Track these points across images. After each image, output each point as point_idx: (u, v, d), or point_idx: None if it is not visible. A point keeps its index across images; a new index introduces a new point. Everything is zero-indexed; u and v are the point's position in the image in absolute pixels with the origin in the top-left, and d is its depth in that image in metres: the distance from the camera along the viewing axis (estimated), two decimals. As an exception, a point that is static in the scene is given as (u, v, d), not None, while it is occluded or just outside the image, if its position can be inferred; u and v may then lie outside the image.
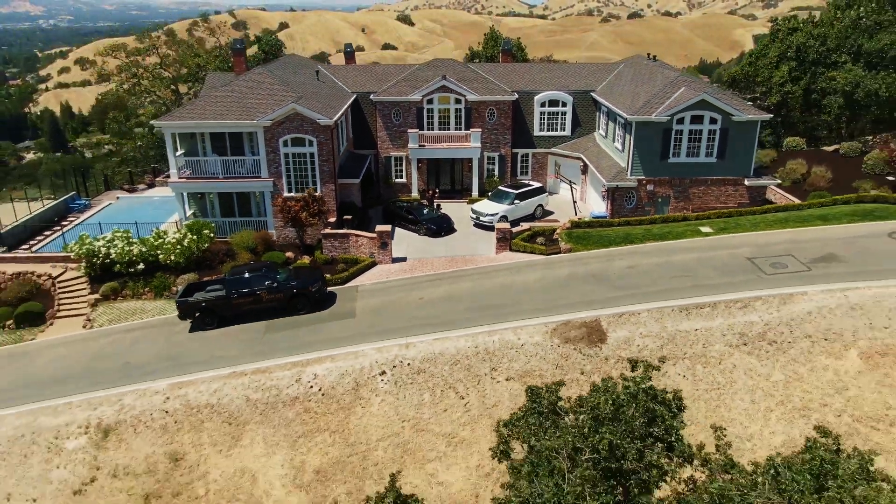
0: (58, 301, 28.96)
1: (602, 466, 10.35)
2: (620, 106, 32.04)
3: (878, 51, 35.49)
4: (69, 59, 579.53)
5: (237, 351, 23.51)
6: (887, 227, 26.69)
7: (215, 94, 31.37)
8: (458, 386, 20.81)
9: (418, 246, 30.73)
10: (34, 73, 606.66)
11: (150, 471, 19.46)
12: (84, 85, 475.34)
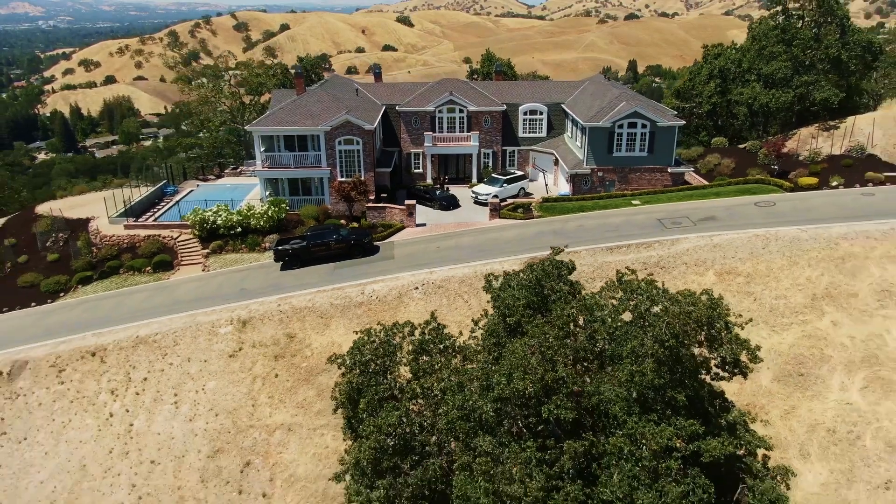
0: (179, 254, 41.44)
1: (533, 299, 22.64)
2: (580, 115, 44.62)
3: (770, 74, 47.96)
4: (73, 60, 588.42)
5: (317, 279, 36.01)
6: (756, 199, 39.30)
7: (287, 108, 43.93)
8: (464, 295, 33.28)
9: (433, 216, 43.25)
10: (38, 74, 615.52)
11: (275, 343, 31.97)
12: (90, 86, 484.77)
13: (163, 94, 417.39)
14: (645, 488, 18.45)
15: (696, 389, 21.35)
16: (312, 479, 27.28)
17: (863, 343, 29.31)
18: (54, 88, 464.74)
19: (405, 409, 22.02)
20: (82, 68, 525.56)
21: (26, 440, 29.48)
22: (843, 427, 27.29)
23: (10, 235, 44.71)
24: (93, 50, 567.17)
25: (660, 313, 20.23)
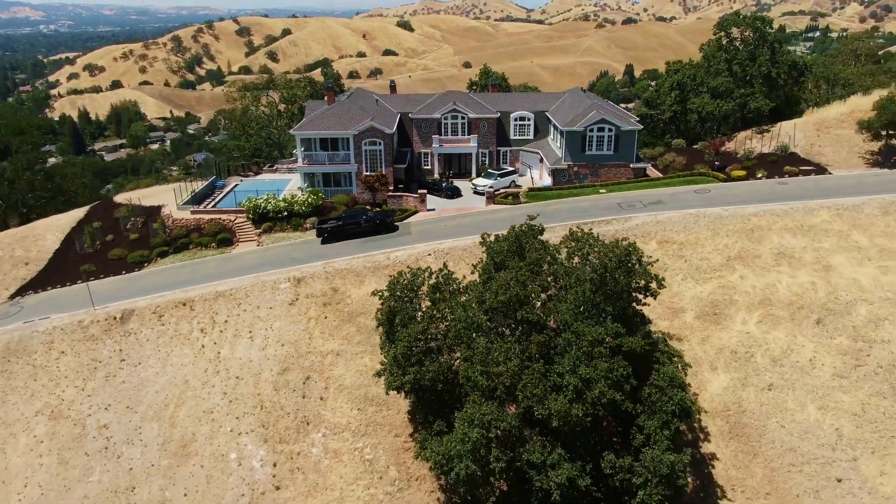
0: (237, 233, 52.13)
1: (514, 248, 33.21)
2: (559, 121, 55.40)
3: (716, 87, 58.68)
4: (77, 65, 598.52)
5: (351, 250, 46.65)
6: (696, 188, 50.09)
7: (321, 115, 54.72)
8: (466, 259, 43.84)
9: (441, 203, 53.94)
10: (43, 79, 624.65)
11: (323, 295, 42.59)
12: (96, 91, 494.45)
13: (168, 98, 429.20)
14: (584, 365, 29.18)
15: (623, 309, 31.93)
16: (356, 387, 37.91)
17: (761, 291, 40.03)
18: (60, 93, 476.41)
19: (426, 325, 32.71)
20: (87, 73, 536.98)
21: (140, 364, 40.11)
22: (742, 349, 38.00)
23: (95, 220, 55.38)
24: (97, 55, 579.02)
25: (595, 254, 30.94)
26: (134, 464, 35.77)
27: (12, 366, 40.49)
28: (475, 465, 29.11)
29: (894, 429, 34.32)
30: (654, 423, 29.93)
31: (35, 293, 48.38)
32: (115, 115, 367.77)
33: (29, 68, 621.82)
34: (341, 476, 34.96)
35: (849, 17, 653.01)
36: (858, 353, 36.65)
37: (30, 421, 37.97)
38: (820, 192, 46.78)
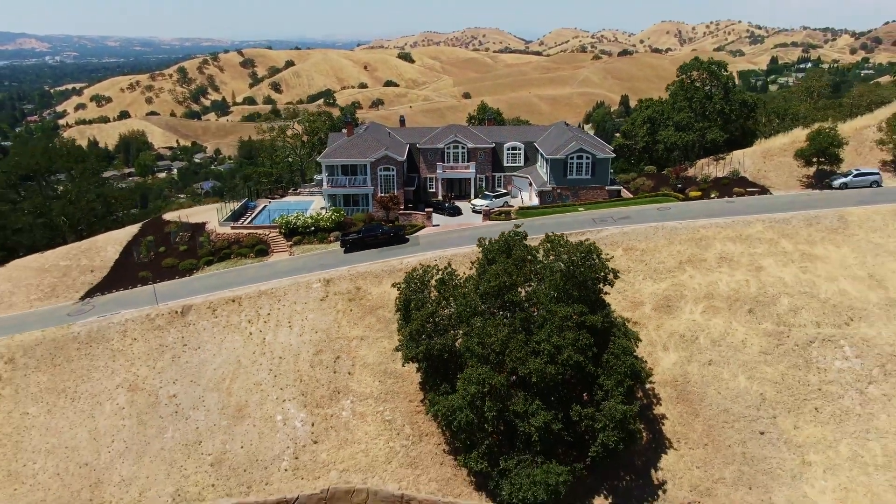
0: (271, 245, 62.04)
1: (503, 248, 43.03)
2: (545, 150, 65.83)
3: (679, 121, 69.32)
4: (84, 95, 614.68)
5: (370, 257, 56.49)
6: (658, 206, 60.21)
7: (342, 145, 65.16)
8: (465, 263, 53.57)
9: (444, 220, 63.96)
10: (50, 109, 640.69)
11: (348, 293, 52.31)
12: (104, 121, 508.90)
13: (174, 128, 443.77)
14: (556, 335, 38.80)
15: (587, 295, 41.59)
16: (377, 364, 47.37)
17: (705, 287, 49.79)
18: (69, 123, 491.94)
19: (434, 308, 42.37)
20: (94, 103, 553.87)
21: (200, 348, 49.62)
22: (689, 333, 47.59)
23: (149, 234, 65.35)
24: (104, 86, 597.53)
25: (564, 252, 40.85)
26: (199, 424, 45.06)
27: (94, 350, 50.03)
28: (473, 414, 38.56)
29: (806, 393, 43.75)
30: (611, 381, 39.43)
31: (102, 295, 58.02)
32: (124, 145, 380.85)
33: (36, 99, 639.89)
34: (366, 433, 44.21)
35: (840, 48, 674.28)
36: (780, 335, 46.26)
37: (112, 392, 47.36)
38: (760, 208, 56.88)
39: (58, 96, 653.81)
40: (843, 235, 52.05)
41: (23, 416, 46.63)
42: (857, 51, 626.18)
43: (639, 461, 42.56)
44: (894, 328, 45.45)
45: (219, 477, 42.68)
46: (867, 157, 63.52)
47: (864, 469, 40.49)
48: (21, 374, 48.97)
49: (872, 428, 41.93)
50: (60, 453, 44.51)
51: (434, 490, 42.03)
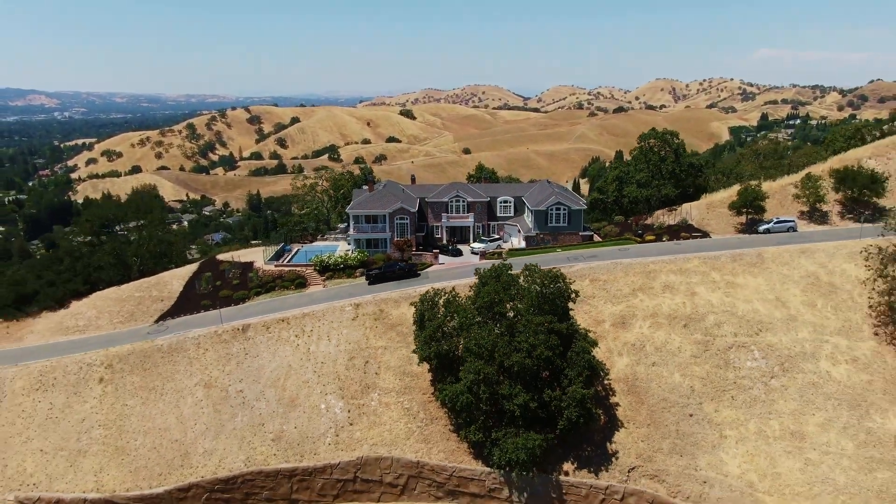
0: (308, 279, 77.78)
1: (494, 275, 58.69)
2: (530, 203, 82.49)
3: (639, 179, 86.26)
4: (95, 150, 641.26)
5: (390, 288, 72.10)
6: (620, 247, 76.24)
7: (365, 199, 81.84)
8: (465, 291, 69.15)
9: (448, 259, 79.96)
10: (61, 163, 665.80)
11: (374, 314, 67.71)
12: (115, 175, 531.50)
13: (184, 182, 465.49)
14: (532, 337, 54.19)
15: (556, 310, 57.09)
16: (398, 367, 62.34)
17: (652, 308, 65.25)
18: (81, 177, 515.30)
19: (442, 321, 57.81)
20: (105, 158, 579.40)
21: (258, 356, 64.69)
22: (638, 342, 62.76)
23: (206, 271, 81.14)
24: (115, 141, 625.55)
25: (538, 277, 56.66)
26: (262, 411, 59.74)
27: (175, 357, 65.12)
28: (471, 396, 53.52)
29: (725, 385, 58.55)
30: (573, 372, 54.49)
31: (172, 318, 73.34)
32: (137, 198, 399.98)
33: (47, 153, 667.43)
34: (390, 417, 58.84)
35: (828, 105, 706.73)
36: (706, 343, 61.44)
37: (191, 389, 62.21)
38: (699, 248, 72.92)
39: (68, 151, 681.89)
40: (759, 268, 67.89)
41: (123, 406, 61.40)
42: (845, 107, 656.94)
43: (597, 437, 57.06)
44: (792, 336, 60.69)
45: (278, 449, 57.16)
46: (789, 208, 79.99)
47: (766, 440, 54.98)
48: (119, 376, 63.95)
49: (773, 410, 56.61)
50: (155, 433, 59.10)
51: (442, 458, 56.43)
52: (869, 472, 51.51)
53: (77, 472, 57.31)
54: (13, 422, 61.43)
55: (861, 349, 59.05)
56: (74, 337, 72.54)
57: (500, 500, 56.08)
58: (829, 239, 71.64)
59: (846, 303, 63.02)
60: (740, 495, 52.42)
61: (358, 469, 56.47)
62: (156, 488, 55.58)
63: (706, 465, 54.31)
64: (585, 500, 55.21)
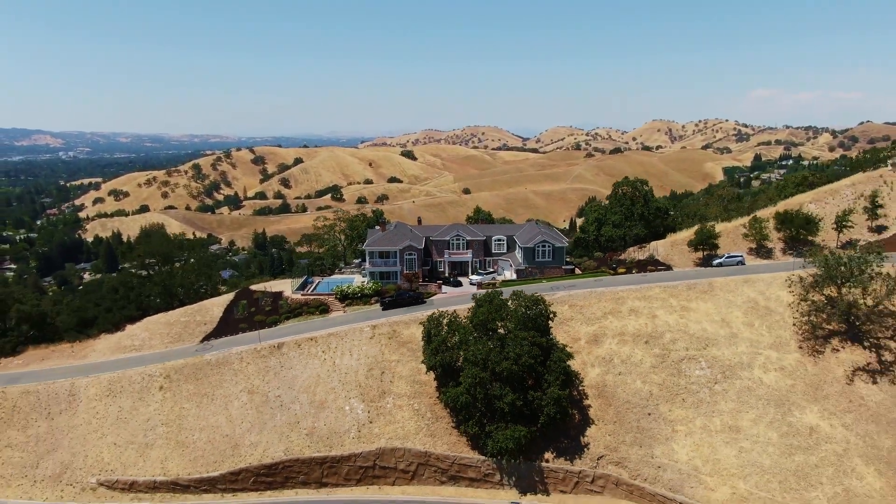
0: (330, 306, 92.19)
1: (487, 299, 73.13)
2: (520, 241, 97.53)
3: (614, 221, 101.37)
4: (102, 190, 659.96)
5: (401, 312, 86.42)
6: (595, 279, 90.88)
7: (378, 237, 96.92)
8: (465, 313, 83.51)
9: (450, 289, 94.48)
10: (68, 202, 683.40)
11: (388, 333, 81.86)
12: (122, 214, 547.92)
13: (191, 221, 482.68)
14: (518, 348, 68.51)
15: (538, 327, 71.44)
16: (409, 376, 76.22)
17: (619, 328, 79.50)
18: (89, 216, 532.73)
19: (445, 337, 72.09)
20: (112, 197, 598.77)
21: (292, 368, 78.62)
22: (607, 356, 76.84)
23: (242, 299, 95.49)
24: (121, 181, 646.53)
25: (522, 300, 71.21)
26: (296, 412, 73.38)
27: (222, 369, 79.02)
28: (469, 397, 67.42)
29: (677, 390, 72.32)
30: (552, 377, 68.47)
31: (215, 339, 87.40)
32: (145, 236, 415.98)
33: (54, 193, 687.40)
34: (402, 417, 72.45)
35: (820, 146, 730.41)
36: (664, 356, 75.46)
37: (237, 395, 75.96)
38: (661, 279, 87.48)
39: (74, 190, 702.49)
40: (709, 295, 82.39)
41: (181, 409, 75.09)
42: (836, 148, 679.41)
43: (573, 431, 70.60)
44: (732, 350, 74.76)
45: (311, 442, 70.67)
46: (740, 245, 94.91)
47: (709, 433, 68.51)
48: (175, 385, 77.79)
49: (715, 410, 70.28)
50: (209, 430, 72.67)
51: (445, 449, 69.85)
52: (788, 455, 64.96)
53: (146, 460, 70.75)
54: (89, 421, 75.09)
55: (787, 360, 73.09)
56: (132, 354, 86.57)
57: (493, 484, 69.36)
58: (770, 271, 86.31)
59: (778, 322, 77.33)
60: (687, 477, 65.72)
61: (376, 458, 69.84)
62: (212, 472, 68.96)
63: (660, 453, 67.73)
64: (563, 482, 68.51)
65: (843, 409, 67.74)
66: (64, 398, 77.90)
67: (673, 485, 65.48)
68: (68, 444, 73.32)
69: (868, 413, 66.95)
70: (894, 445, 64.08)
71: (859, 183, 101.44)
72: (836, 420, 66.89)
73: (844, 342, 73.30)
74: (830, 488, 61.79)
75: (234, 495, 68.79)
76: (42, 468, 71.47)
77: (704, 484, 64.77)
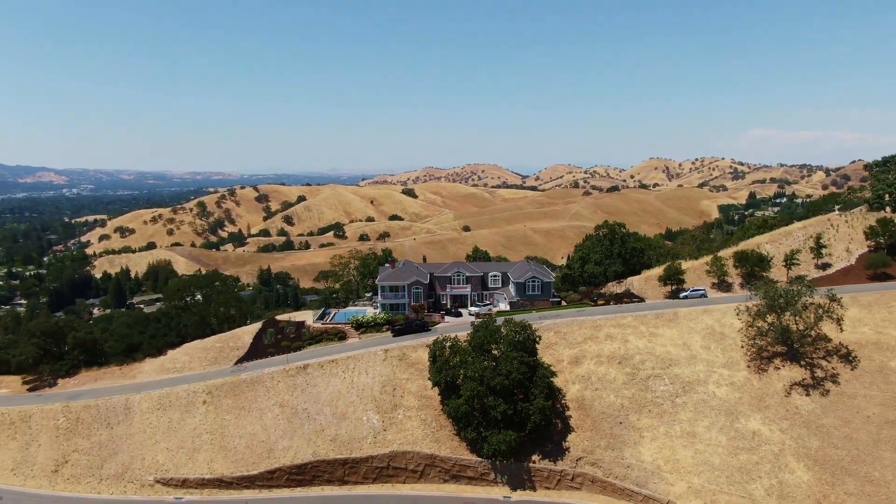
0: (347, 333, 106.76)
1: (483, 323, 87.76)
2: (513, 276, 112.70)
3: (594, 259, 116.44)
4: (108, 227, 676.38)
5: (410, 339, 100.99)
6: (578, 310, 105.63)
7: (389, 273, 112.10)
8: (464, 339, 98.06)
9: (452, 319, 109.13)
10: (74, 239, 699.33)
11: (398, 356, 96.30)
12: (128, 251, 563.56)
13: (197, 258, 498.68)
14: (509, 365, 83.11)
15: (526, 348, 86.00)
16: (417, 392, 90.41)
17: (597, 351, 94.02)
18: (96, 252, 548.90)
19: (448, 358, 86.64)
20: (118, 234, 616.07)
21: (317, 386, 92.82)
22: (587, 375, 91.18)
23: (269, 328, 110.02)
24: (127, 218, 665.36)
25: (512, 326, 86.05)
26: (322, 422, 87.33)
27: (256, 387, 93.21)
28: (468, 407, 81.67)
29: (644, 403, 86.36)
30: (537, 390, 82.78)
31: (247, 362, 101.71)
32: (153, 272, 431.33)
33: (59, 229, 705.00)
34: (411, 426, 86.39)
35: (813, 184, 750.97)
36: (634, 374, 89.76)
37: (270, 408, 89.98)
38: (634, 309, 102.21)
39: (79, 227, 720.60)
40: (673, 322, 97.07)
41: (222, 419, 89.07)
42: (829, 186, 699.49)
43: (556, 437, 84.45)
44: (691, 369, 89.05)
45: (335, 446, 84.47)
46: (704, 280, 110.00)
47: (670, 438, 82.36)
48: (217, 399, 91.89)
49: (676, 419, 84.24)
50: (247, 437, 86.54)
51: (448, 452, 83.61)
52: (734, 455, 78.73)
53: (194, 462, 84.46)
54: (144, 430, 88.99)
55: (737, 377, 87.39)
56: (174, 375, 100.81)
57: (488, 482, 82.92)
58: (727, 302, 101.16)
59: (730, 345, 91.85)
60: (651, 474, 79.38)
61: (390, 460, 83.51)
62: (252, 471, 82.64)
63: (629, 455, 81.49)
64: (547, 480, 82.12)
65: (781, 416, 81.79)
66: (121, 411, 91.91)
67: (639, 481, 79.09)
68: (127, 449, 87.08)
69: (801, 419, 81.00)
70: (821, 446, 77.96)
71: (810, 226, 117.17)
72: (775, 426, 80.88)
73: (784, 361, 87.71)
74: (767, 481, 75.47)
75: (269, 491, 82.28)
76: (106, 469, 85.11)
77: (665, 480, 78.40)
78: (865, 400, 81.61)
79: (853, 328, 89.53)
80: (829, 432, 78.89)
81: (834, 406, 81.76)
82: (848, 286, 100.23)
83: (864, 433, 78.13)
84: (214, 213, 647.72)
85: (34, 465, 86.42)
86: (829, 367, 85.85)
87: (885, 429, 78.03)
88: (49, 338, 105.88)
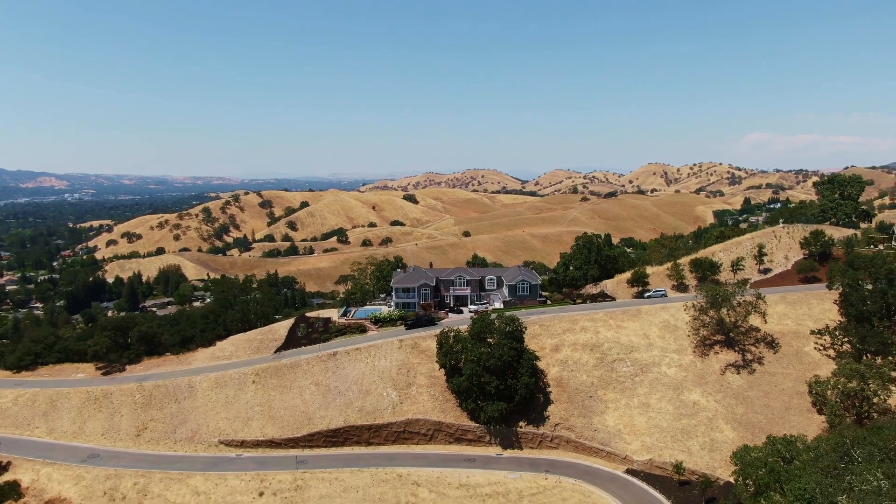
0: (367, 327, 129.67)
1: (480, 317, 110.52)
2: (506, 280, 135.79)
3: (576, 265, 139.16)
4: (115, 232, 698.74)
5: (420, 331, 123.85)
6: (560, 307, 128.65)
7: (402, 276, 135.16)
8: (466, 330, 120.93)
9: (455, 316, 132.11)
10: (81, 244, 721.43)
11: (411, 344, 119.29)
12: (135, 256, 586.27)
13: (205, 262, 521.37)
14: (501, 349, 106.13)
15: (515, 335, 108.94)
16: (427, 373, 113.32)
17: (573, 340, 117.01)
18: (105, 257, 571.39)
19: (452, 343, 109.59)
20: (125, 240, 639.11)
21: (345, 369, 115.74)
22: (564, 359, 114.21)
23: (301, 323, 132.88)
24: (133, 223, 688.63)
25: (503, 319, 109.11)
26: (350, 397, 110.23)
27: (294, 370, 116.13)
28: (468, 383, 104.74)
29: (610, 381, 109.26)
30: (523, 370, 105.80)
31: (285, 350, 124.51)
32: (164, 277, 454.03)
33: (66, 235, 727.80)
34: (423, 399, 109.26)
35: (808, 189, 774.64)
36: (603, 359, 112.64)
37: (307, 386, 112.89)
38: (606, 307, 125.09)
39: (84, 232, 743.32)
40: (637, 317, 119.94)
41: (270, 395, 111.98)
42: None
43: (538, 408, 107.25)
44: (649, 354, 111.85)
45: (361, 416, 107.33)
46: (666, 283, 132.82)
47: (630, 409, 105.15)
48: (263, 379, 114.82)
49: (635, 393, 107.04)
50: (290, 408, 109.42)
51: (452, 420, 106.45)
52: (678, 420, 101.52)
53: (249, 428, 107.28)
54: (206, 404, 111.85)
55: (684, 360, 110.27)
56: (224, 362, 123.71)
57: (484, 443, 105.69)
58: (682, 300, 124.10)
59: (681, 335, 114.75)
60: (613, 436, 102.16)
61: (406, 426, 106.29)
62: (296, 434, 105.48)
63: (597, 422, 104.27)
64: (531, 441, 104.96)
65: (716, 390, 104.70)
66: (185, 389, 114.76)
67: (604, 441, 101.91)
68: (194, 418, 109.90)
69: (731, 392, 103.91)
70: (745, 412, 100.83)
71: (757, 237, 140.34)
72: (711, 397, 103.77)
73: (722, 347, 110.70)
74: (702, 439, 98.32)
75: (311, 449, 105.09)
76: (178, 433, 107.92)
77: (624, 440, 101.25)
78: (783, 377, 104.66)
79: (779, 321, 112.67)
80: (752, 401, 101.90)
81: (758, 381, 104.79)
82: (782, 287, 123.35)
83: (779, 402, 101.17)
84: (219, 218, 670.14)
85: (119, 431, 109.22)
86: (756, 351, 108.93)
87: (795, 398, 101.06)
88: (118, 331, 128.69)
